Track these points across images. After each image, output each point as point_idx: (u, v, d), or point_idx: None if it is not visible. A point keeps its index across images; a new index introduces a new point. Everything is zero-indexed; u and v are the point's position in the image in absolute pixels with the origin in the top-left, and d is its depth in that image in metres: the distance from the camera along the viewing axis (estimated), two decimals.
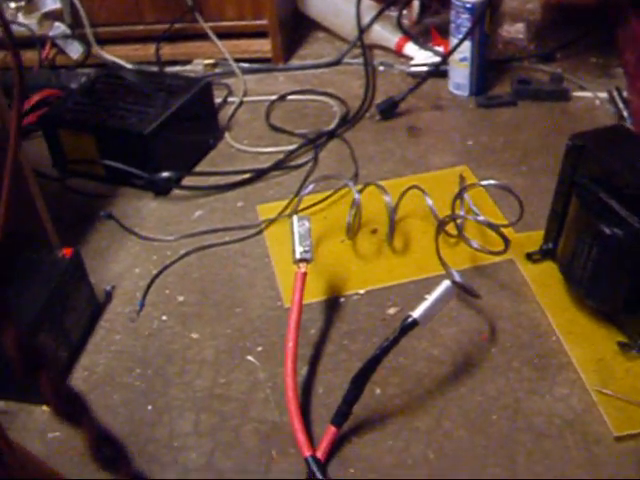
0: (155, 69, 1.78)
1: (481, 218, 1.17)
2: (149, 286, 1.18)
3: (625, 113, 1.49)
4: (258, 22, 1.78)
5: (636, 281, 0.95)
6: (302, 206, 1.26)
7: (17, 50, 0.67)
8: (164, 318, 1.12)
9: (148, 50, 1.83)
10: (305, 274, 1.02)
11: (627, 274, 0.96)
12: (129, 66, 1.78)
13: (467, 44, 1.56)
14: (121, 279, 1.19)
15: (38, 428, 0.98)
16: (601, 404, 0.93)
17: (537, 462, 0.89)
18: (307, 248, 1.03)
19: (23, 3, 1.89)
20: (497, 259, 1.15)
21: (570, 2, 1.93)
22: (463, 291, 1.04)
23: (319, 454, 0.89)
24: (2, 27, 0.70)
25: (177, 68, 1.82)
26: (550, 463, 0.88)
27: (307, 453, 0.89)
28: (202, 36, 1.80)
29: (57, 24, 1.84)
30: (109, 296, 1.17)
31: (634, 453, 0.89)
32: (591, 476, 0.87)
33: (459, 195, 1.18)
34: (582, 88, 1.64)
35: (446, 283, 0.93)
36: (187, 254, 1.23)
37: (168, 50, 1.83)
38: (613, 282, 0.98)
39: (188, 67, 1.82)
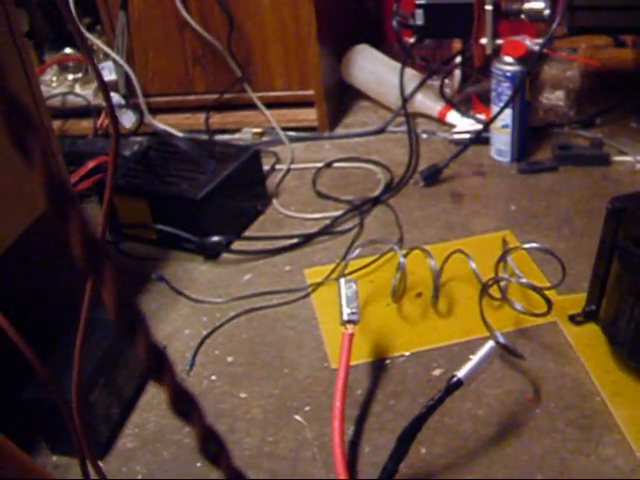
0: (205, 137, 1.84)
1: (524, 281, 1.20)
2: (199, 346, 1.21)
3: None
4: (305, 92, 1.84)
5: None
6: (349, 270, 1.29)
7: (116, 118, 0.72)
8: (213, 378, 1.15)
9: (198, 119, 1.89)
10: (352, 335, 1.05)
11: None
12: (180, 134, 1.85)
13: (508, 111, 1.60)
14: (171, 339, 1.23)
15: None
16: None
17: None
18: (354, 310, 1.06)
19: (80, 75, 1.98)
20: (540, 321, 1.17)
21: (608, 69, 1.96)
22: (507, 352, 1.06)
23: None
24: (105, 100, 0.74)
25: (226, 137, 1.87)
26: None
27: None
28: (250, 106, 1.86)
29: (112, 94, 1.91)
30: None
31: None
32: None
33: (502, 258, 1.20)
34: (622, 152, 1.66)
35: (490, 343, 0.95)
36: (236, 316, 1.27)
37: (217, 119, 1.89)
38: None
39: (237, 135, 1.88)
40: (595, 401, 1.05)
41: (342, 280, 1.10)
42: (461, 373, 0.92)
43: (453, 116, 1.81)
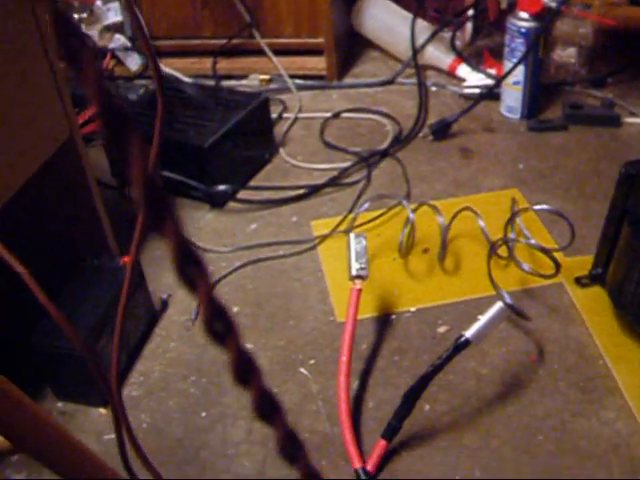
0: (211, 83, 1.82)
1: (533, 242, 1.20)
2: None
3: None
4: (314, 40, 1.82)
5: None
6: (356, 223, 1.29)
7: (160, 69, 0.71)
8: None
9: (205, 64, 1.87)
10: (360, 290, 1.05)
11: None
12: (186, 79, 1.83)
13: (520, 68, 1.58)
14: (177, 288, 1.23)
15: (95, 429, 1.01)
16: None
17: None
18: (363, 265, 1.06)
19: (85, 15, 1.95)
20: (547, 282, 1.17)
21: (622, 28, 1.94)
22: (514, 313, 1.06)
23: (369, 467, 0.91)
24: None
25: (233, 82, 1.86)
26: None
27: (357, 465, 0.91)
28: (259, 52, 1.84)
29: (117, 36, 1.89)
30: (165, 304, 1.20)
31: None
32: None
33: (512, 219, 1.20)
34: (633, 114, 1.65)
35: (499, 304, 0.95)
36: (242, 266, 1.27)
37: (225, 64, 1.87)
38: None
39: (244, 82, 1.86)
40: (598, 364, 1.05)
41: (352, 235, 1.10)
42: (469, 333, 0.92)
43: (463, 70, 1.80)
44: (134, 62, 1.89)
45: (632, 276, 1.02)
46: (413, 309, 1.16)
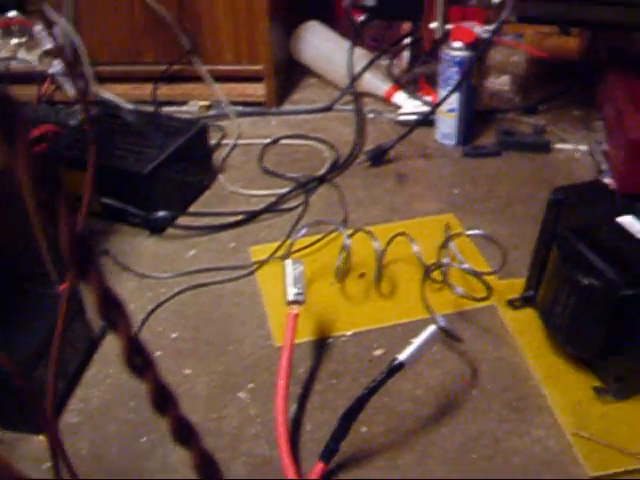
0: (151, 108, 1.83)
1: (465, 266, 1.23)
2: (143, 322, 1.21)
3: (603, 166, 1.55)
4: (253, 67, 1.84)
5: (610, 329, 1.00)
6: (294, 248, 1.31)
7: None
8: (158, 354, 1.16)
9: (145, 90, 1.88)
10: (297, 315, 1.07)
11: (602, 323, 1.01)
12: (126, 105, 1.83)
13: (455, 96, 1.62)
14: None
15: (34, 457, 1.01)
16: (577, 446, 0.98)
17: None
18: (300, 291, 1.08)
19: (25, 39, 1.95)
20: (480, 305, 1.20)
21: (553, 57, 2.00)
22: (447, 335, 1.09)
23: None
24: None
25: (173, 108, 1.87)
26: None
27: None
28: (198, 78, 1.86)
29: (57, 61, 1.88)
30: (104, 331, 1.20)
31: None
32: None
33: (445, 243, 1.23)
34: (563, 140, 1.70)
35: (432, 327, 0.97)
36: (181, 292, 1.27)
37: (165, 91, 1.88)
38: (589, 330, 1.03)
39: (184, 108, 1.87)
40: (529, 384, 1.08)
41: (288, 261, 1.12)
42: (402, 356, 0.95)
43: (400, 97, 1.83)
44: (72, 87, 1.89)
45: (560, 298, 1.05)
46: (349, 333, 1.18)
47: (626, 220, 1.04)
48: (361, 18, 1.88)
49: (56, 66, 1.89)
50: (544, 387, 1.07)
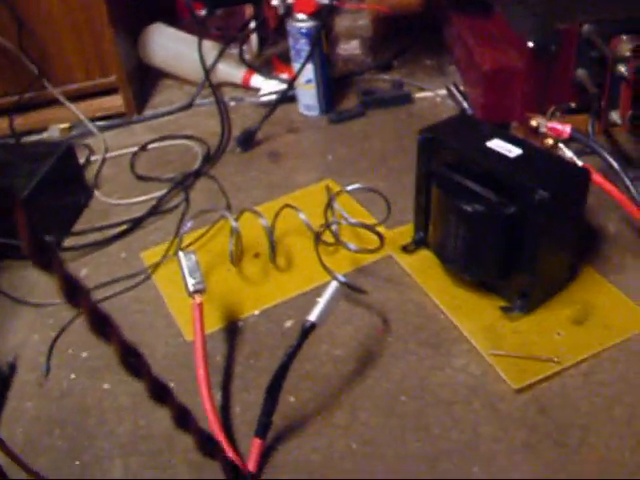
0: (12, 141, 1.79)
1: (353, 221, 1.25)
2: (51, 349, 1.19)
3: (465, 104, 1.61)
4: (106, 80, 1.81)
5: (503, 248, 1.04)
6: (184, 244, 1.31)
7: None
8: (73, 376, 1.14)
9: (2, 124, 1.83)
10: (201, 304, 1.07)
11: (495, 245, 1.05)
12: None
13: (309, 67, 1.65)
14: (23, 348, 1.20)
15: None
16: (497, 364, 1.02)
17: (451, 428, 0.96)
18: (199, 279, 1.08)
19: None
20: (376, 257, 1.23)
21: (397, 13, 2.04)
22: (350, 289, 1.11)
23: (250, 467, 0.93)
24: None
25: (34, 137, 1.83)
26: (463, 427, 0.96)
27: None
28: (54, 102, 1.82)
29: None
30: (13, 367, 1.18)
31: (534, 400, 0.98)
32: (500, 428, 0.95)
33: (329, 204, 1.25)
34: (422, 89, 1.75)
35: (333, 284, 0.99)
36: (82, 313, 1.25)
37: (22, 120, 1.83)
38: (485, 254, 1.07)
39: (45, 134, 1.83)
40: (440, 319, 1.11)
41: (181, 253, 1.12)
42: (312, 316, 0.96)
43: (257, 80, 1.84)
44: None
45: (450, 231, 1.09)
46: (257, 312, 1.18)
47: (494, 143, 1.07)
48: (203, 12, 1.88)
49: None
50: (454, 318, 1.10)
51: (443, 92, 1.71)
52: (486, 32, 1.56)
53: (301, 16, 1.62)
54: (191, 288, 1.08)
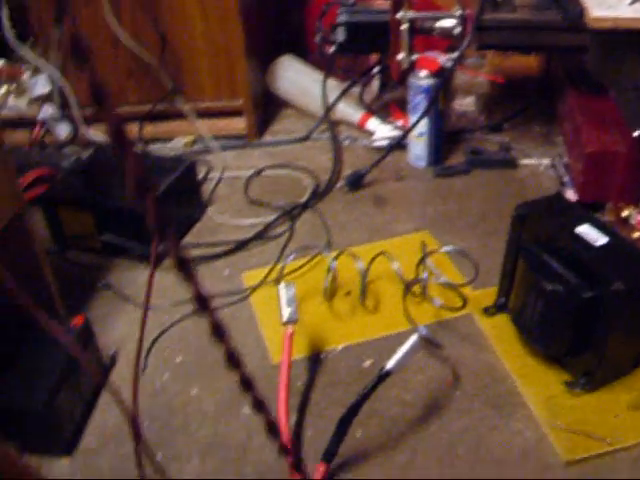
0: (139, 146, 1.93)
1: (442, 280, 1.34)
2: (149, 349, 1.31)
3: (565, 178, 1.67)
4: (234, 102, 1.95)
5: (576, 328, 1.12)
6: (284, 273, 1.42)
7: None
8: (165, 377, 1.26)
9: (131, 129, 1.98)
10: (292, 334, 1.17)
11: (568, 323, 1.12)
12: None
13: (424, 120, 1.74)
14: (124, 343, 1.33)
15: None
16: (552, 435, 1.09)
17: None
18: (294, 310, 1.19)
19: (15, 86, 2.04)
20: (457, 314, 1.32)
21: (514, 77, 2.12)
22: (428, 343, 1.20)
23: None
24: None
25: (158, 145, 1.97)
26: None
27: None
28: (182, 115, 1.96)
29: (46, 107, 1.98)
30: (114, 359, 1.30)
31: (581, 475, 1.05)
32: None
33: (422, 260, 1.34)
34: (527, 156, 1.82)
35: (414, 337, 1.09)
36: (182, 319, 1.37)
37: (150, 129, 1.98)
38: (557, 329, 1.15)
39: (169, 145, 1.98)
40: (507, 383, 1.19)
41: (282, 284, 1.23)
42: (389, 364, 1.06)
43: (373, 123, 1.94)
44: (62, 131, 1.99)
45: (529, 303, 1.17)
46: (340, 347, 1.28)
47: (583, 229, 1.15)
48: (331, 50, 2.00)
49: (45, 112, 1.98)
50: (520, 385, 1.18)
51: (547, 162, 1.78)
52: (596, 111, 1.62)
53: (423, 73, 1.71)
54: (285, 318, 1.18)
